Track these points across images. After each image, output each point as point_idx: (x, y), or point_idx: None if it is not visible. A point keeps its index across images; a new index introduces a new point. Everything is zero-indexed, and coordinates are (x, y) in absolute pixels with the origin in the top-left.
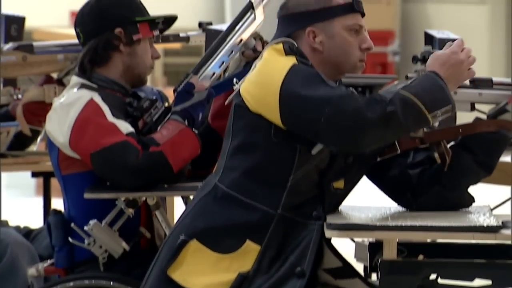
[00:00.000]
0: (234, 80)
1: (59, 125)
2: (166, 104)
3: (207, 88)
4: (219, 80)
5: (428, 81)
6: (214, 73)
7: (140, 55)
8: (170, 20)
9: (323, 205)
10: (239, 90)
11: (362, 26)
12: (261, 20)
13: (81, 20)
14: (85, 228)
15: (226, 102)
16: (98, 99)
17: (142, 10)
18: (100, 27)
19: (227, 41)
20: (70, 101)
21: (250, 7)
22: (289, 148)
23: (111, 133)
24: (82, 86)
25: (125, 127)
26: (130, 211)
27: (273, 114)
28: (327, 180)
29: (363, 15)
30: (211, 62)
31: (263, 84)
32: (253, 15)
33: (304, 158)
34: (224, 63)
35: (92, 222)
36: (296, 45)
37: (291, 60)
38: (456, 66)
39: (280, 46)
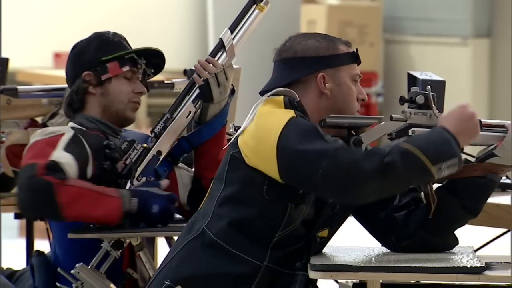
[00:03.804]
0: (232, 126)
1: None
2: (145, 145)
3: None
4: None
5: (433, 134)
6: (190, 112)
7: (113, 93)
8: (150, 53)
9: (308, 255)
10: (236, 141)
11: (361, 76)
12: (233, 59)
13: (66, 66)
14: (72, 271)
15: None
16: (67, 135)
17: (115, 48)
18: (74, 73)
19: None
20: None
21: (221, 46)
22: (280, 206)
23: (40, 156)
24: (72, 128)
25: (63, 156)
26: (117, 253)
27: (271, 168)
28: (313, 231)
29: (359, 64)
30: (186, 102)
31: (261, 138)
32: (224, 54)
33: (293, 216)
34: (199, 101)
35: (78, 265)
36: (297, 98)
37: (289, 113)
38: (467, 120)
39: (281, 99)
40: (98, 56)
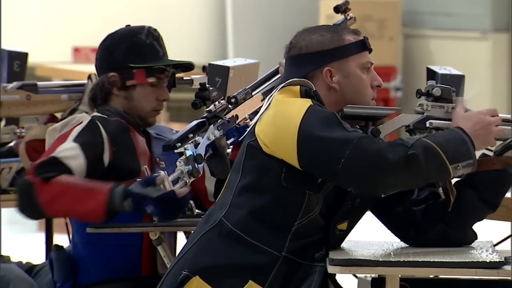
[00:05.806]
0: (247, 115)
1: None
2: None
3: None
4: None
5: (451, 134)
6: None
7: (137, 100)
8: (182, 65)
9: (326, 247)
10: (253, 130)
11: (372, 63)
12: None
13: (96, 54)
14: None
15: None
16: (82, 124)
17: (144, 54)
18: (101, 68)
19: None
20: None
21: (276, 73)
22: (298, 193)
23: (48, 153)
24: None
25: (69, 148)
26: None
27: (290, 155)
28: (332, 223)
29: (370, 52)
30: (266, 87)
31: (280, 125)
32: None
33: (312, 203)
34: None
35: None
36: (313, 88)
37: (307, 102)
38: (483, 126)
39: (297, 88)
40: (126, 61)
